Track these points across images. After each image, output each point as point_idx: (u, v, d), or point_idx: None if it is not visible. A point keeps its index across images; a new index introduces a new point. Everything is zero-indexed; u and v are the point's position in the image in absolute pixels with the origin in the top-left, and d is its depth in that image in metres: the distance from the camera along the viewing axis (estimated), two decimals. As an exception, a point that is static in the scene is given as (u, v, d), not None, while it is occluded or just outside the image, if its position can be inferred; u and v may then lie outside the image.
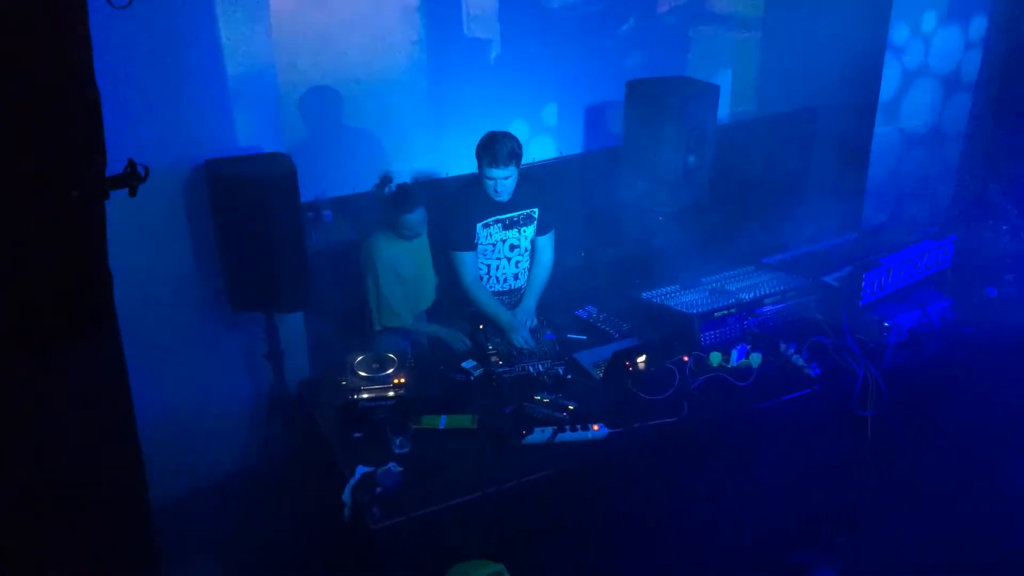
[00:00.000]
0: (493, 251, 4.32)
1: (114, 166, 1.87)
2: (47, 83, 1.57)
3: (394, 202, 4.10)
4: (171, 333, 4.00)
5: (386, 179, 4.07)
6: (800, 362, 3.94)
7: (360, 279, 4.25)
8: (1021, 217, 4.91)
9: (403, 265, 4.25)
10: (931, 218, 5.07)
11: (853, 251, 4.55)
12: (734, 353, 3.90)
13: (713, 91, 4.91)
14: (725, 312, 4.07)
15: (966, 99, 5.65)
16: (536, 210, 4.30)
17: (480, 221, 4.21)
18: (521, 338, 4.12)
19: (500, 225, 4.27)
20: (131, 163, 1.74)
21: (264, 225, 3.75)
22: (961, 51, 5.49)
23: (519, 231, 4.32)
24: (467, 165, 4.93)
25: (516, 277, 4.42)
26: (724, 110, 5.24)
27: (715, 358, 3.88)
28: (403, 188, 4.15)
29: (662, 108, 4.78)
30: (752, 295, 4.23)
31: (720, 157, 5.04)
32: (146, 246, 3.76)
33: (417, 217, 4.10)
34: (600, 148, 5.48)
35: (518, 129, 4.83)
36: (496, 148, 4.00)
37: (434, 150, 5.06)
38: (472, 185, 4.23)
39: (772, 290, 4.26)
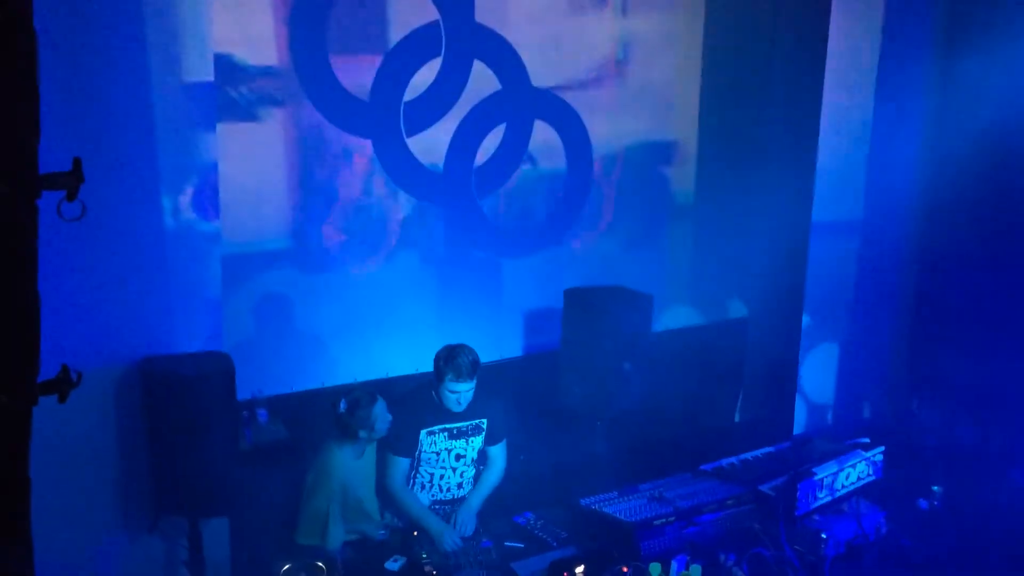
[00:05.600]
0: (437, 460, 4.26)
1: (46, 365, 1.85)
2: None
3: (353, 409, 3.99)
4: (88, 540, 3.79)
5: (335, 402, 4.03)
6: (740, 574, 3.88)
7: (299, 485, 4.09)
8: (945, 428, 5.08)
9: (359, 485, 4.12)
10: (859, 427, 5.20)
11: (786, 460, 4.61)
12: (674, 565, 3.84)
13: (647, 300, 5.10)
14: (664, 521, 4.04)
15: (885, 312, 5.96)
16: (485, 421, 4.31)
17: (426, 428, 4.18)
18: (451, 541, 4.00)
19: (446, 434, 4.24)
20: (65, 369, 1.73)
21: (197, 425, 3.67)
22: (874, 267, 5.85)
23: (467, 441, 4.30)
24: (408, 367, 4.99)
25: (460, 487, 4.35)
26: (659, 318, 5.43)
27: (655, 570, 3.80)
28: (352, 395, 4.06)
29: (599, 315, 4.94)
30: (690, 503, 4.21)
31: (656, 363, 5.16)
32: (69, 445, 3.63)
33: (381, 407, 4.02)
34: (539, 352, 5.59)
35: (460, 331, 4.93)
36: (459, 362, 4.05)
37: (374, 351, 5.11)
38: (422, 390, 4.24)
39: (710, 499, 4.25)
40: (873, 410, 5.86)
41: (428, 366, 4.31)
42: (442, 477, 4.29)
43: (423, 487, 4.28)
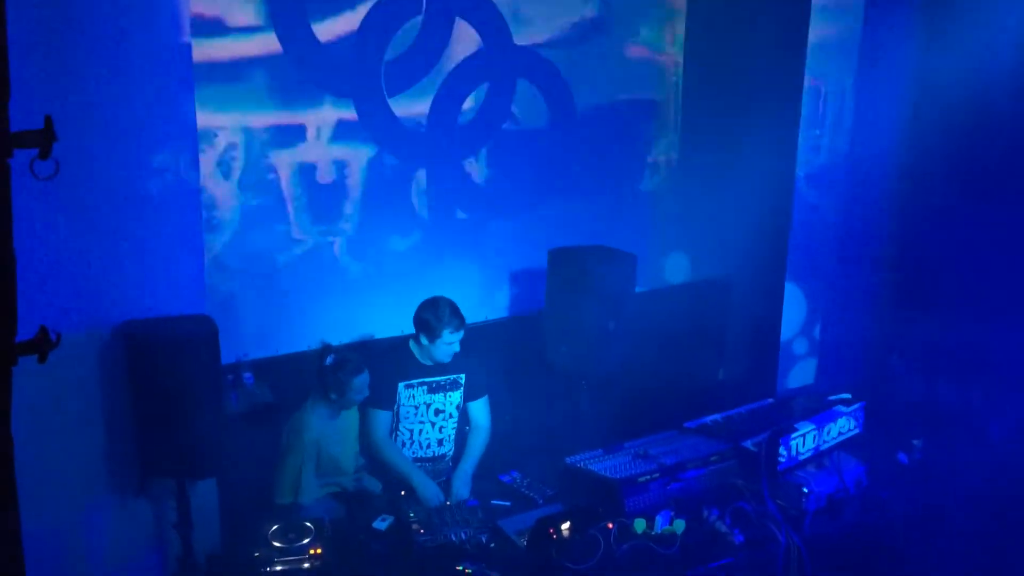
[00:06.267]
0: (416, 414, 4.30)
1: (26, 327, 1.84)
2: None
3: (338, 369, 4.05)
4: (74, 503, 3.79)
5: (327, 348, 4.06)
6: (723, 528, 3.94)
7: (276, 446, 4.14)
8: (926, 383, 5.14)
9: (333, 444, 4.15)
10: (841, 384, 5.25)
11: (769, 416, 4.66)
12: (658, 519, 3.90)
13: (631, 260, 5.11)
14: (648, 477, 4.08)
15: (866, 271, 6.00)
16: (463, 376, 4.34)
17: (404, 381, 4.21)
18: (434, 495, 4.04)
19: (425, 388, 4.27)
20: (43, 329, 1.72)
21: (182, 389, 3.66)
22: (858, 227, 5.87)
23: (445, 396, 4.34)
24: (392, 328, 4.99)
25: (440, 443, 4.38)
26: (643, 277, 5.45)
27: (639, 525, 3.86)
28: (344, 354, 4.12)
29: (583, 276, 4.95)
30: (674, 460, 4.26)
31: (640, 323, 5.18)
32: (53, 409, 3.62)
33: (365, 378, 4.08)
34: (524, 313, 5.60)
35: (444, 292, 4.93)
36: (456, 313, 4.14)
37: (359, 314, 5.10)
38: (400, 346, 4.27)
39: (694, 455, 4.31)
40: (855, 366, 5.91)
41: (411, 328, 4.32)
42: (421, 432, 4.33)
43: (404, 444, 4.32)
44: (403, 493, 4.13)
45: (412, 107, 5.12)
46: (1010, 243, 5.16)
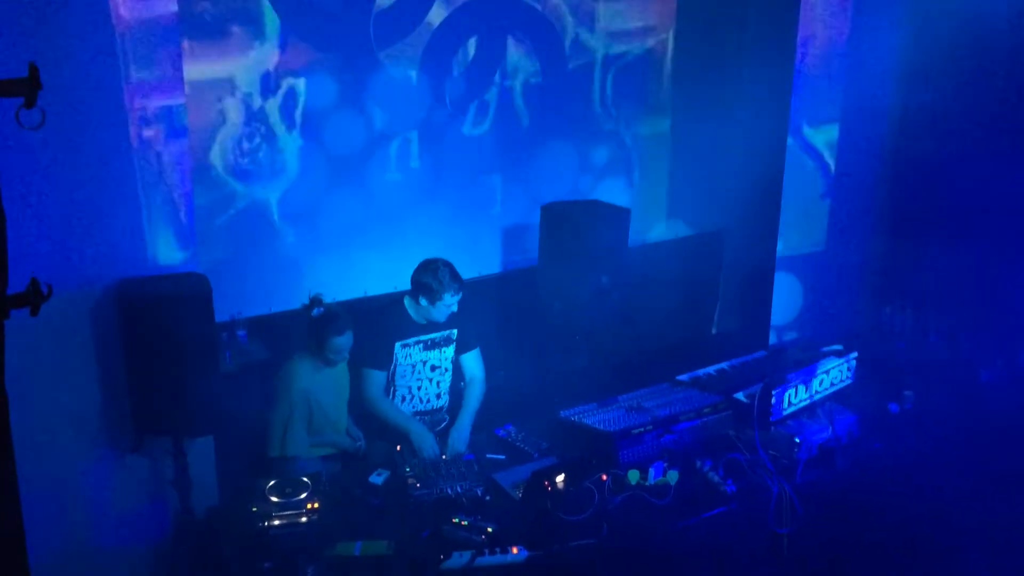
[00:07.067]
0: (413, 372, 4.32)
1: (18, 284, 1.83)
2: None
3: (322, 324, 4.01)
4: (71, 454, 3.82)
5: (316, 301, 4.02)
6: (716, 479, 3.98)
7: (271, 400, 4.15)
8: (917, 333, 5.17)
9: (323, 394, 4.15)
10: (833, 336, 5.28)
11: (762, 368, 4.69)
12: (651, 471, 3.93)
13: (624, 214, 5.10)
14: (642, 430, 4.11)
15: (858, 222, 6.00)
16: (455, 331, 4.35)
17: (400, 341, 4.21)
18: (430, 447, 4.09)
19: (421, 346, 4.28)
20: (34, 282, 1.71)
21: (176, 347, 3.67)
22: (850, 177, 5.86)
23: (440, 351, 4.35)
24: (386, 285, 4.99)
25: (438, 397, 4.43)
26: (635, 231, 5.45)
27: (633, 476, 3.89)
28: (332, 310, 4.08)
29: (576, 230, 4.94)
30: (668, 412, 4.29)
31: (633, 277, 5.19)
32: (48, 366, 3.63)
33: (346, 341, 4.04)
34: (517, 268, 5.60)
35: (438, 248, 4.91)
36: (452, 277, 4.10)
37: (352, 270, 5.09)
38: (393, 305, 4.26)
39: (687, 407, 4.33)
40: (847, 317, 5.94)
41: (406, 284, 4.32)
42: (420, 388, 4.35)
43: (403, 400, 4.34)
44: (399, 448, 4.15)
45: (403, 58, 5.05)
46: (1001, 191, 5.16)
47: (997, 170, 5.16)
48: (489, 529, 3.55)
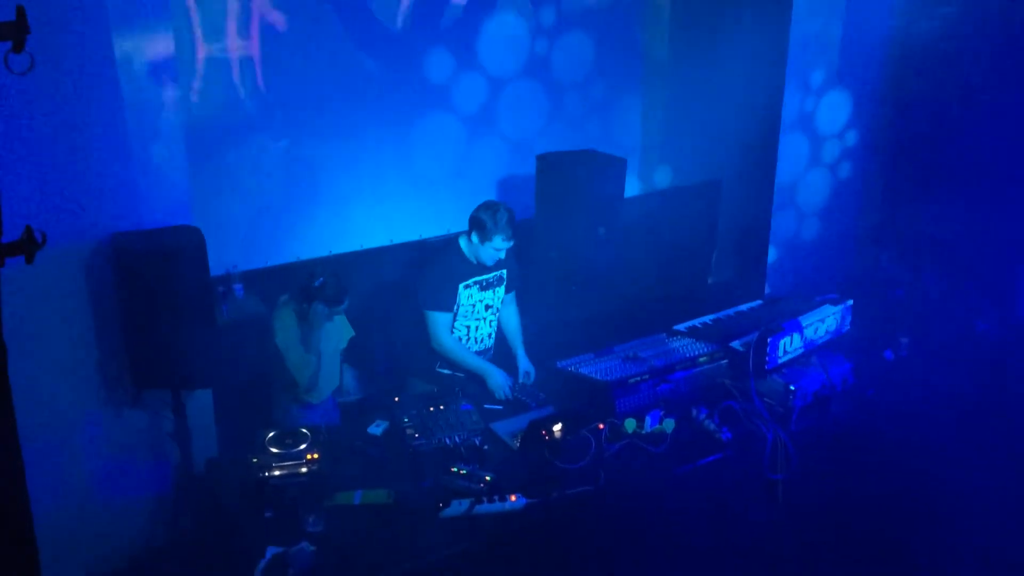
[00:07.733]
0: (472, 312, 4.38)
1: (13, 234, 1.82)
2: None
3: (318, 288, 3.97)
4: (69, 409, 3.83)
5: (315, 274, 3.99)
6: (712, 427, 4.01)
7: (275, 350, 4.13)
8: (913, 281, 5.17)
9: (324, 340, 4.15)
10: (829, 284, 5.29)
11: (758, 317, 4.70)
12: (648, 419, 3.95)
13: (620, 164, 5.07)
14: (638, 379, 4.13)
15: (857, 169, 5.97)
16: (505, 271, 4.39)
17: (463, 282, 4.23)
18: (504, 380, 4.25)
19: (478, 286, 4.34)
20: (28, 229, 1.70)
21: (172, 300, 3.65)
22: (848, 123, 5.82)
23: (493, 292, 4.43)
24: (382, 238, 4.97)
25: (490, 336, 4.54)
26: (632, 182, 5.41)
27: (630, 424, 3.92)
28: (338, 284, 4.04)
29: (572, 181, 4.91)
30: (664, 362, 4.30)
31: (629, 228, 5.17)
32: (45, 319, 3.63)
33: (324, 312, 4.02)
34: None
35: (434, 201, 4.89)
36: (508, 222, 4.14)
37: (349, 224, 5.07)
38: (450, 246, 4.30)
39: (683, 356, 4.35)
40: (843, 265, 5.94)
41: (403, 237, 4.30)
42: (476, 328, 4.44)
43: (461, 340, 4.38)
44: (396, 399, 4.16)
45: (390, 5, 4.96)
46: (998, 141, 5.13)
47: (996, 122, 5.12)
48: (488, 478, 3.58)
